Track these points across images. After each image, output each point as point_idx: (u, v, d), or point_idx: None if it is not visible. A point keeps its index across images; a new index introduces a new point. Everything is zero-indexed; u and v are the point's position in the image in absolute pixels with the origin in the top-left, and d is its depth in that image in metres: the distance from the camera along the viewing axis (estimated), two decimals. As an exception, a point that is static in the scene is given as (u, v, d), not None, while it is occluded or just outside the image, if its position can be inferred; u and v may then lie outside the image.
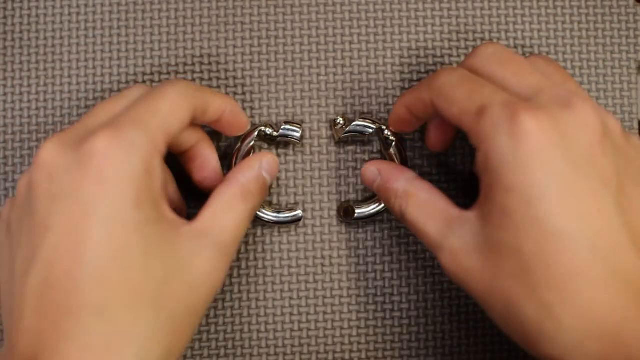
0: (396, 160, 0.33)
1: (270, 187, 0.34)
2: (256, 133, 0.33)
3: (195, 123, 0.31)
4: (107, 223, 0.25)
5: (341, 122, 0.34)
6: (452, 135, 0.32)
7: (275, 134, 0.33)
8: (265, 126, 0.34)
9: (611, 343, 0.24)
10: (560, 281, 0.24)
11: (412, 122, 0.31)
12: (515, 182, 0.24)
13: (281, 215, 0.34)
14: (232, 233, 0.29)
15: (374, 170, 0.32)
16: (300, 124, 0.34)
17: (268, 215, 0.34)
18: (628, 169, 0.25)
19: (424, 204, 0.29)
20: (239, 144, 0.33)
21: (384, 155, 0.34)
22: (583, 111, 0.25)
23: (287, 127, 0.33)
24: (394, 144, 0.33)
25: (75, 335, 0.24)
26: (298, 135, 0.33)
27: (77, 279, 0.24)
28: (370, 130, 0.33)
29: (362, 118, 0.34)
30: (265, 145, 0.35)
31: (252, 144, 0.33)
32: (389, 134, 0.33)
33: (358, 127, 0.33)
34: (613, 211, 0.24)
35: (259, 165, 0.31)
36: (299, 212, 0.34)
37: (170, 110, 0.28)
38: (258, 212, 0.33)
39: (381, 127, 0.33)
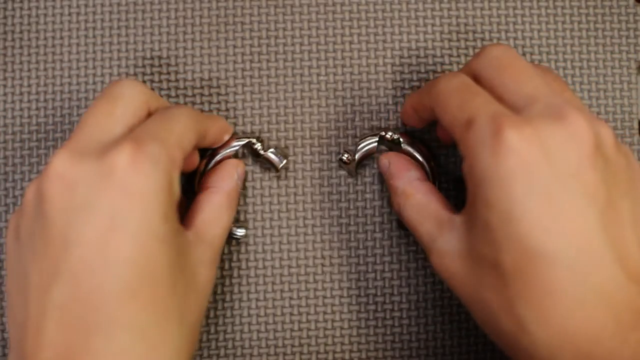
0: (418, 156, 0.33)
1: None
2: (244, 142, 0.33)
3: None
4: (136, 237, 0.24)
5: (347, 157, 0.34)
6: None
7: (262, 152, 0.34)
8: (257, 140, 0.34)
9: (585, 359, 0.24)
10: (536, 298, 0.24)
11: (420, 120, 0.32)
12: (496, 198, 0.24)
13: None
14: (221, 239, 0.30)
15: (386, 163, 0.33)
16: (287, 156, 0.34)
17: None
18: (618, 181, 0.25)
19: (418, 205, 0.30)
20: (221, 147, 0.33)
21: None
22: (575, 123, 0.24)
23: (274, 153, 0.34)
24: (402, 142, 0.33)
25: (107, 352, 0.24)
26: (280, 165, 0.34)
27: (107, 295, 0.24)
28: (376, 144, 0.34)
29: (361, 138, 0.34)
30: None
31: (236, 149, 0.33)
32: (391, 134, 0.33)
33: (366, 150, 0.34)
34: (597, 227, 0.24)
35: (237, 175, 0.32)
36: (242, 231, 0.34)
37: (184, 130, 0.28)
38: None
39: (380, 134, 0.34)
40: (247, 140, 0.34)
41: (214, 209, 0.30)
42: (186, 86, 0.35)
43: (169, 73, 0.35)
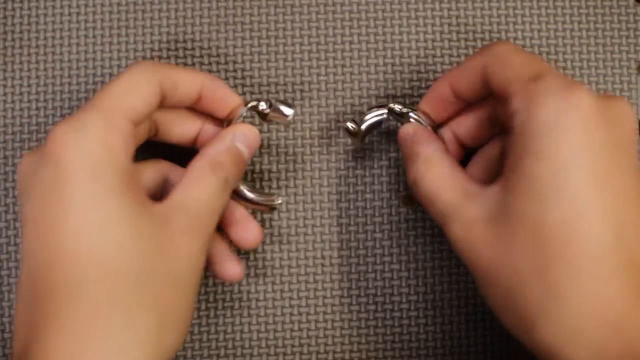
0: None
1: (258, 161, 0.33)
2: (248, 105, 0.31)
3: (177, 104, 0.30)
4: (67, 203, 0.25)
5: (353, 127, 0.32)
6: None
7: (268, 111, 0.32)
8: (258, 101, 0.32)
9: (612, 333, 0.23)
10: (575, 259, 0.24)
11: (450, 103, 0.30)
12: (552, 149, 0.24)
13: (256, 196, 0.32)
14: (205, 203, 0.28)
15: (409, 131, 0.31)
16: (293, 106, 0.32)
17: (244, 192, 0.32)
18: None
19: (443, 174, 0.28)
20: (228, 118, 0.32)
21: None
22: (623, 105, 0.25)
23: (281, 105, 0.32)
24: (411, 113, 0.32)
25: (59, 323, 0.24)
26: (290, 114, 0.32)
27: (54, 267, 0.24)
28: (384, 116, 0.32)
29: (369, 109, 0.33)
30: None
31: (241, 118, 0.31)
32: (400, 107, 0.32)
33: (373, 121, 0.32)
34: (637, 204, 0.24)
35: (231, 137, 0.30)
36: (278, 200, 0.32)
37: (126, 89, 0.27)
38: (236, 189, 0.32)
39: (388, 106, 0.32)
40: (253, 103, 0.31)
41: (192, 174, 0.28)
42: (186, 86, 0.35)
43: (169, 73, 0.35)
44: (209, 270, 0.31)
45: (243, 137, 0.30)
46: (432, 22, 0.35)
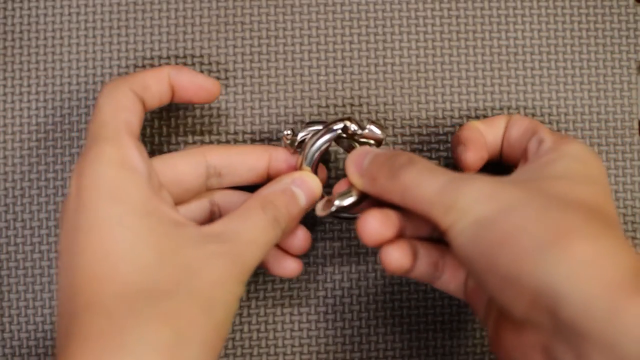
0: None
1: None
2: (341, 126, 0.31)
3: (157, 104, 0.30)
4: (88, 227, 0.26)
5: (288, 133, 0.32)
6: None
7: (359, 131, 0.31)
8: (350, 121, 0.31)
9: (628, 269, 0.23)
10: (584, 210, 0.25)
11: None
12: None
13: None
14: (247, 234, 0.27)
15: (365, 150, 0.30)
16: (384, 126, 0.33)
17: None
18: None
19: (428, 167, 0.28)
20: (314, 138, 0.31)
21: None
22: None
23: (373, 127, 0.31)
24: (369, 124, 0.31)
25: (80, 338, 0.24)
26: (383, 138, 0.31)
27: (79, 288, 0.25)
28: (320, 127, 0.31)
29: (308, 123, 0.32)
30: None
31: (334, 137, 0.31)
32: (355, 127, 0.31)
33: (309, 135, 0.31)
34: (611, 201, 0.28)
35: (288, 181, 0.30)
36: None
37: (109, 110, 0.28)
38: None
39: (344, 123, 0.31)
40: (342, 124, 0.31)
41: (241, 209, 0.28)
42: (186, 86, 0.35)
43: (169, 73, 0.35)
44: (267, 270, 0.32)
45: (301, 182, 0.30)
46: (432, 22, 0.35)
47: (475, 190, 0.26)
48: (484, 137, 0.31)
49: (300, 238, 0.31)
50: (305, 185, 0.30)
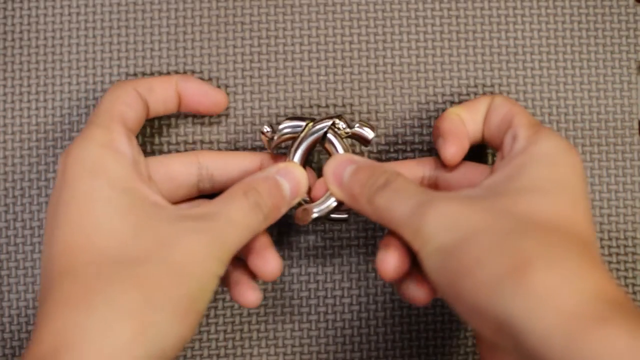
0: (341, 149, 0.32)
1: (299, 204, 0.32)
2: (330, 122, 0.31)
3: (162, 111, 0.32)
4: (68, 200, 0.27)
5: (267, 130, 0.32)
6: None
7: (347, 130, 0.32)
8: (339, 119, 0.32)
9: (590, 298, 0.23)
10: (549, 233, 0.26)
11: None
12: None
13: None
14: (227, 216, 0.28)
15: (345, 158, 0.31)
16: (374, 126, 0.33)
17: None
18: None
19: (401, 190, 0.28)
20: (304, 132, 0.32)
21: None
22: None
23: (362, 127, 0.32)
24: (357, 126, 0.32)
25: (53, 302, 0.25)
26: (371, 138, 0.32)
27: (58, 257, 0.26)
28: (301, 127, 0.32)
29: (287, 119, 0.32)
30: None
31: (321, 132, 0.31)
32: (344, 125, 0.32)
33: (288, 132, 0.32)
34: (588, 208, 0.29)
35: (274, 170, 0.30)
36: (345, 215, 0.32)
37: (110, 102, 0.30)
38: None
39: (334, 120, 0.32)
40: (331, 121, 0.31)
41: (223, 196, 0.29)
42: (186, 86, 0.35)
43: (169, 73, 0.35)
44: (229, 293, 0.31)
45: (286, 172, 0.30)
46: (432, 22, 0.35)
47: (438, 217, 0.26)
48: (464, 126, 0.31)
49: (269, 262, 0.30)
50: (290, 176, 0.30)
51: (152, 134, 0.35)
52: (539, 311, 0.23)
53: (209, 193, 0.32)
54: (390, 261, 0.28)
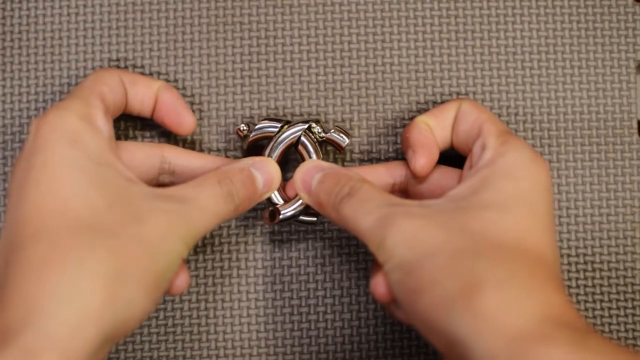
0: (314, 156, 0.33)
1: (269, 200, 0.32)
2: (305, 126, 0.32)
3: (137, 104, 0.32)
4: (43, 165, 0.27)
5: (244, 128, 0.33)
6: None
7: (323, 134, 0.33)
8: (316, 123, 0.33)
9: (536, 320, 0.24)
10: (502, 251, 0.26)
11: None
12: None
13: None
14: (198, 205, 0.28)
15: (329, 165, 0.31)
16: (349, 133, 0.33)
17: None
18: None
19: (365, 201, 0.29)
20: (280, 133, 0.32)
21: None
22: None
23: (337, 133, 0.33)
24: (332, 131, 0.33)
25: (22, 265, 0.25)
26: (344, 145, 0.33)
27: (29, 220, 0.26)
28: (277, 127, 0.33)
29: (266, 119, 0.33)
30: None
31: (298, 134, 0.32)
32: (320, 129, 0.33)
33: (263, 130, 0.33)
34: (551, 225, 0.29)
35: (250, 162, 0.31)
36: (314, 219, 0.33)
37: (94, 80, 0.30)
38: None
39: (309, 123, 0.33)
40: (307, 124, 0.32)
41: (197, 179, 0.29)
42: (185, 86, 0.35)
43: (167, 73, 0.35)
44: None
45: (261, 165, 0.31)
46: (430, 22, 0.35)
47: (399, 234, 0.27)
48: (433, 136, 0.31)
49: (181, 278, 0.29)
50: (264, 169, 0.31)
51: (152, 135, 0.35)
52: (485, 332, 0.24)
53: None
54: (384, 284, 0.28)
